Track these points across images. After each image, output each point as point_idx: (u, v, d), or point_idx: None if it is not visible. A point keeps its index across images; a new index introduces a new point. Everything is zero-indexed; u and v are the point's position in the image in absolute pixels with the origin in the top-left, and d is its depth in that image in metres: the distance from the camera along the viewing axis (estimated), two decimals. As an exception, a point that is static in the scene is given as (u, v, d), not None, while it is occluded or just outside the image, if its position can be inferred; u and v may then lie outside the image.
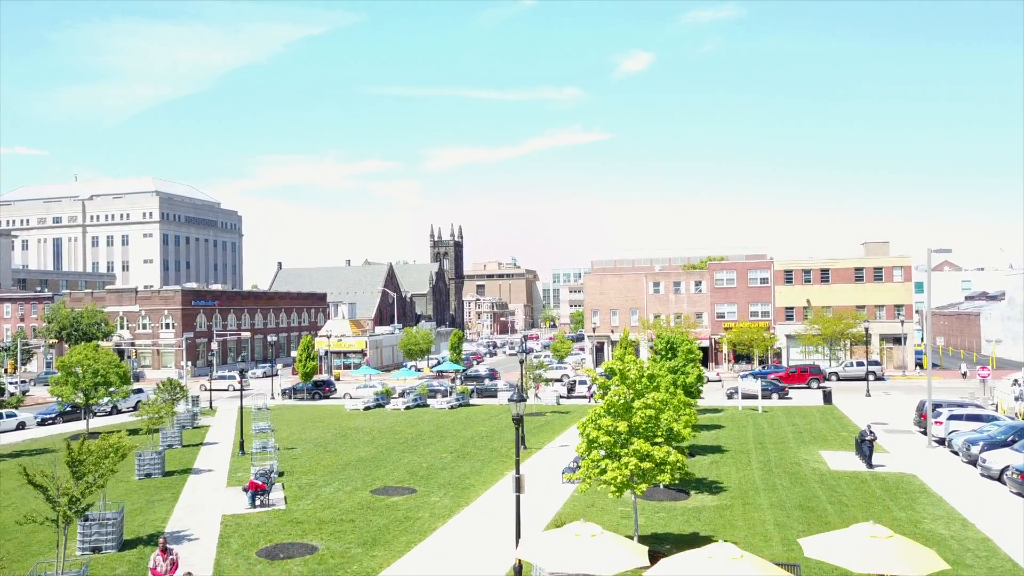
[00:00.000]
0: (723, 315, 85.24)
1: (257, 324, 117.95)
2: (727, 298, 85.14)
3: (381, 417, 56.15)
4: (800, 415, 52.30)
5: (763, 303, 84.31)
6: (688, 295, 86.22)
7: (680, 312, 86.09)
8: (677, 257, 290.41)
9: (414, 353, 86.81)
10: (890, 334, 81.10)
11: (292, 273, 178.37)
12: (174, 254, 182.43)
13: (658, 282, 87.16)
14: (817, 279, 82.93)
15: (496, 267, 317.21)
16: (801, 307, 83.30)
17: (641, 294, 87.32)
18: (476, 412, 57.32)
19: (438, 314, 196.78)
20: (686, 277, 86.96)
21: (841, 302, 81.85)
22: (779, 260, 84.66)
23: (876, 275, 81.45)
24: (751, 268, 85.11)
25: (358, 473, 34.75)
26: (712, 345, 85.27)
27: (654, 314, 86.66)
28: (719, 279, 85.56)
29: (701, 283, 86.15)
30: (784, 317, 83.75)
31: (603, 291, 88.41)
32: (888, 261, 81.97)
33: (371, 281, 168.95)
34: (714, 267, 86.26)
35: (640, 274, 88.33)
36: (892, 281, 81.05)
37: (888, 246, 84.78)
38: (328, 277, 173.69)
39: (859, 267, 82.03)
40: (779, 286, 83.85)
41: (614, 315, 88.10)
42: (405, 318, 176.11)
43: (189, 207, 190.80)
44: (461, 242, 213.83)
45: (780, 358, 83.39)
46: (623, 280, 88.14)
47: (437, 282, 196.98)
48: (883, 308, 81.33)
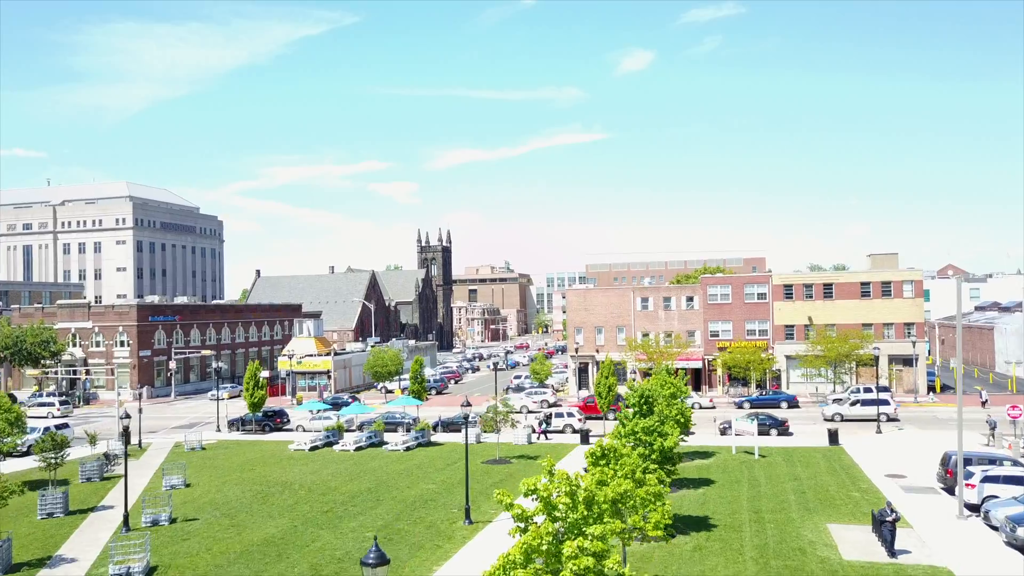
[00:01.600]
0: (717, 333, 78.30)
1: (224, 339, 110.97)
2: (721, 315, 78.19)
3: (323, 463, 49.14)
4: (803, 462, 45.33)
5: (761, 321, 77.37)
6: (679, 312, 79.26)
7: (671, 330, 79.13)
8: (674, 261, 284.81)
9: (381, 375, 79.77)
10: (900, 355, 74.18)
11: (270, 282, 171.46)
12: (149, 262, 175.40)
13: (646, 298, 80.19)
14: (819, 295, 75.99)
15: (489, 271, 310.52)
16: (802, 325, 76.36)
17: (628, 311, 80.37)
18: (434, 456, 50.30)
19: (424, 323, 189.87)
20: (677, 292, 79.98)
21: (846, 320, 74.92)
22: (778, 274, 77.70)
23: (884, 290, 74.53)
24: (747, 283, 78.15)
25: (249, 571, 27.70)
26: (705, 366, 78.31)
27: (642, 332, 79.70)
28: (713, 294, 78.62)
29: (693, 299, 79.17)
30: (784, 336, 76.82)
31: (587, 307, 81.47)
32: (897, 275, 75.03)
33: (352, 290, 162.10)
34: (707, 281, 79.30)
35: (627, 290, 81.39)
36: (901, 296, 74.11)
37: (896, 258, 77.88)
38: (308, 286, 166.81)
39: (865, 281, 75.07)
40: (778, 302, 76.91)
41: (599, 333, 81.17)
42: (389, 328, 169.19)
43: (165, 212, 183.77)
44: (449, 247, 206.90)
45: (780, 382, 76.42)
46: (608, 296, 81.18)
47: (424, 289, 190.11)
48: (892, 326, 74.40)
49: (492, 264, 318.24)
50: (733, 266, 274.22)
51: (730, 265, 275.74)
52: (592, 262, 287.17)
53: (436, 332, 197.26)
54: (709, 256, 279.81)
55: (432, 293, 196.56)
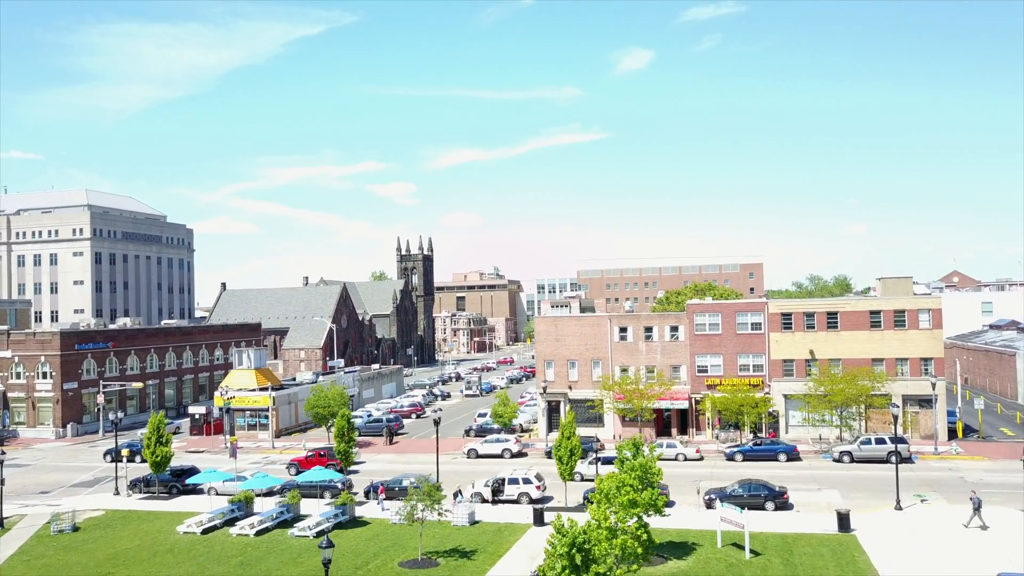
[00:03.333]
0: (705, 369, 68.41)
1: (169, 366, 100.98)
2: (710, 347, 68.30)
3: (206, 560, 39.18)
4: (804, 564, 35.45)
5: (755, 354, 67.49)
6: (662, 343, 69.35)
7: (653, 364, 69.24)
8: (668, 268, 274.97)
9: (323, 417, 69.83)
10: (915, 395, 64.34)
11: (236, 296, 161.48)
12: (109, 274, 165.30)
13: (625, 327, 70.27)
14: (822, 325, 66.12)
15: (478, 278, 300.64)
16: (803, 360, 66.50)
17: (605, 342, 70.45)
18: (349, 545, 40.31)
19: (403, 336, 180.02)
20: (660, 321, 70.04)
21: (853, 354, 65.10)
22: (775, 302, 67.82)
23: (897, 320, 64.68)
24: (740, 310, 68.22)
25: None
26: (692, 406, 68.43)
27: (620, 367, 69.82)
28: (700, 324, 68.70)
29: (678, 328, 69.25)
30: (781, 372, 66.96)
31: (558, 337, 71.56)
32: (911, 302, 65.16)
33: (323, 304, 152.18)
34: (694, 309, 69.34)
35: (603, 318, 71.37)
36: (917, 327, 64.26)
37: (910, 282, 68.01)
38: (276, 300, 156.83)
39: (875, 310, 65.20)
40: (775, 333, 67.03)
41: (572, 368, 71.28)
42: (363, 344, 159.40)
43: (128, 222, 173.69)
44: (431, 256, 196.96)
45: (777, 428, 66.54)
46: (582, 325, 71.22)
47: (402, 301, 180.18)
48: (906, 362, 64.55)
49: (481, 270, 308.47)
50: (729, 272, 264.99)
51: (726, 271, 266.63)
52: (584, 268, 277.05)
53: (416, 345, 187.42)
54: (705, 262, 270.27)
55: (412, 305, 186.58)
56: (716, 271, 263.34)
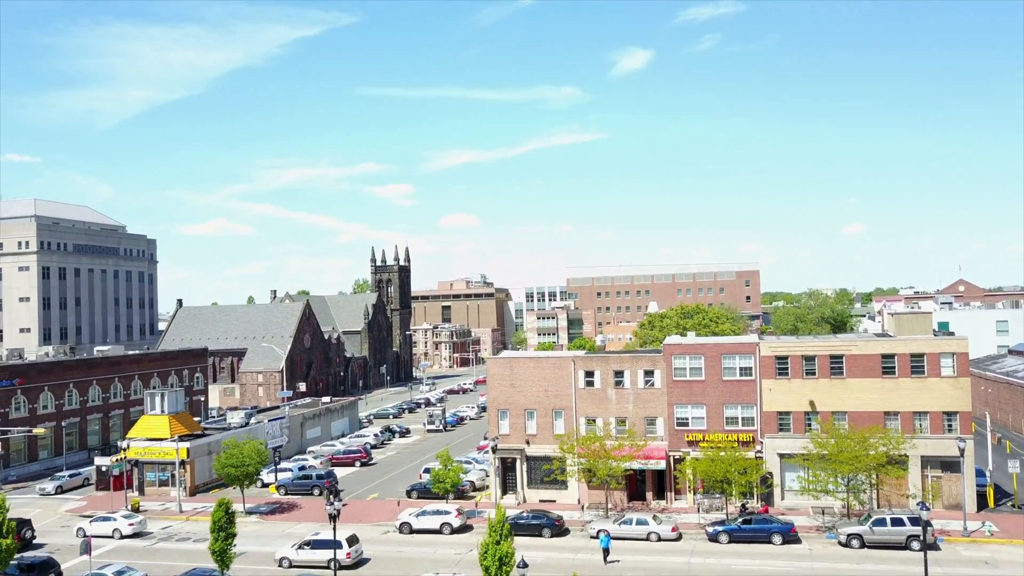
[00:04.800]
0: (686, 421, 57.56)
1: (93, 401, 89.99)
2: (692, 396, 57.45)
3: None
4: None
5: (745, 405, 56.65)
6: (635, 391, 58.47)
7: (624, 416, 58.39)
8: (661, 275, 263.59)
9: (235, 478, 58.86)
10: (937, 457, 53.51)
11: (192, 314, 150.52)
12: (59, 290, 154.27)
13: (592, 371, 59.33)
14: (825, 370, 55.27)
15: (464, 286, 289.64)
16: (801, 412, 55.67)
17: (568, 387, 59.58)
18: None
19: (376, 353, 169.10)
20: (632, 364, 59.08)
21: (862, 405, 54.31)
22: (768, 343, 56.87)
23: (914, 365, 53.85)
24: (726, 352, 57.29)
25: None
26: (670, 467, 57.53)
27: (586, 418, 58.98)
28: (680, 368, 57.81)
29: (654, 373, 58.35)
30: (776, 426, 56.12)
31: (514, 383, 60.63)
32: (932, 344, 54.31)
33: (284, 322, 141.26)
34: (672, 350, 58.38)
35: (566, 360, 60.38)
36: (939, 375, 53.43)
37: (929, 319, 57.22)
38: (235, 318, 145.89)
39: (888, 353, 54.33)
40: (768, 380, 56.17)
41: (530, 419, 60.38)
42: (329, 365, 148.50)
43: (82, 233, 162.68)
44: (407, 267, 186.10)
45: (771, 496, 55.62)
46: (542, 368, 60.28)
47: (375, 316, 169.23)
48: (925, 416, 53.72)
49: (468, 278, 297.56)
50: (724, 280, 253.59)
51: (721, 279, 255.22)
52: (574, 276, 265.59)
53: (391, 363, 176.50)
54: (699, 270, 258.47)
55: (386, 319, 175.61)
56: (711, 279, 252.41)
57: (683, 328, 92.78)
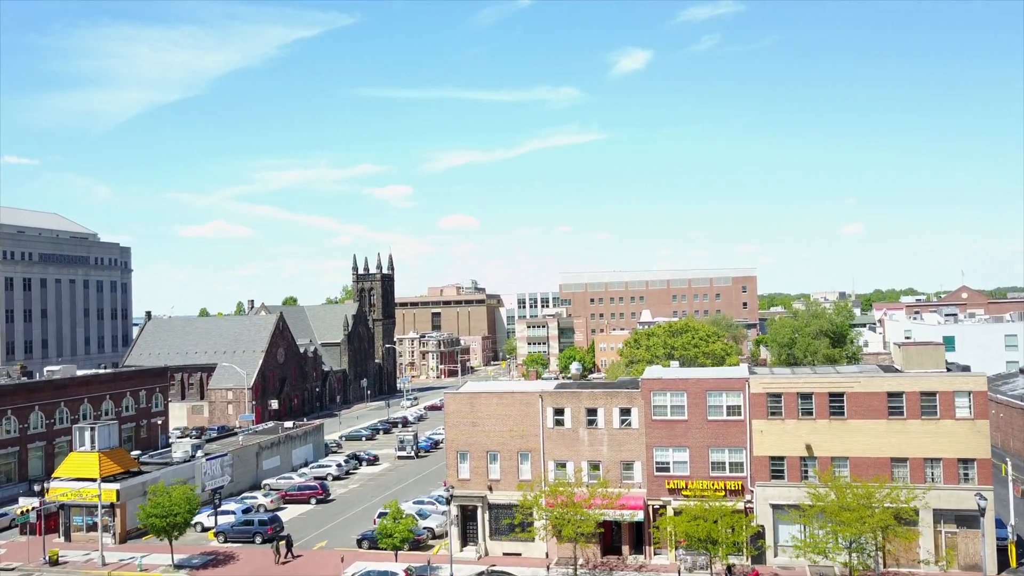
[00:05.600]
0: (666, 467, 50.98)
1: (36, 428, 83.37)
2: (673, 437, 50.87)
3: None
4: None
5: (732, 448, 50.08)
6: (610, 431, 51.90)
7: (598, 459, 51.82)
8: (655, 281, 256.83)
9: (161, 529, 52.27)
10: (952, 510, 46.95)
11: (162, 326, 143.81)
12: (23, 302, 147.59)
13: (561, 408, 52.75)
14: (823, 409, 48.71)
15: (454, 292, 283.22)
16: (797, 457, 49.10)
17: (535, 427, 53.00)
18: None
19: (356, 366, 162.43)
20: (606, 401, 52.45)
21: (866, 451, 47.79)
22: (760, 379, 50.23)
23: (925, 406, 47.32)
24: (712, 389, 50.69)
25: None
26: (649, 517, 50.93)
27: (556, 461, 52.40)
28: (659, 406, 51.24)
29: (631, 411, 51.76)
30: (768, 474, 49.55)
31: (475, 420, 54.05)
32: (945, 382, 47.74)
33: (256, 336, 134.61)
34: (651, 385, 51.77)
35: (533, 396, 53.73)
36: (953, 416, 46.90)
37: (941, 352, 50.50)
38: (206, 331, 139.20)
39: (895, 391, 47.79)
40: (760, 421, 49.61)
41: (493, 462, 53.79)
42: (304, 380, 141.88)
43: (48, 242, 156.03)
44: (391, 275, 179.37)
45: (761, 558, 48.98)
46: (506, 404, 53.68)
47: (356, 327, 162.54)
48: (938, 464, 47.18)
49: (459, 284, 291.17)
50: (721, 286, 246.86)
51: (717, 285, 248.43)
52: (567, 281, 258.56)
53: (373, 376, 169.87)
54: (694, 275, 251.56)
55: (367, 331, 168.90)
56: (707, 284, 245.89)
57: (670, 348, 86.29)
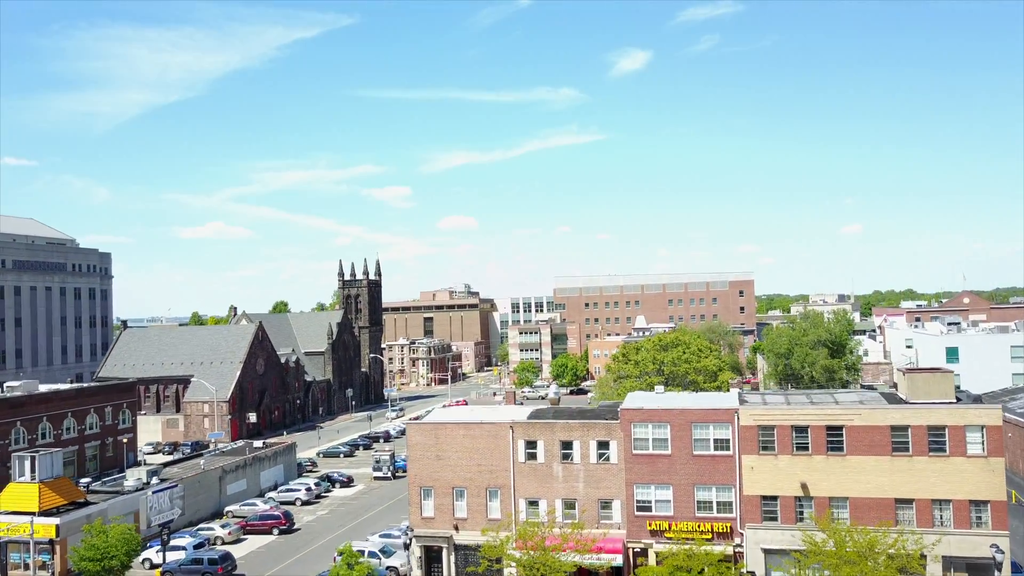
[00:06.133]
0: (648, 506, 46.42)
1: (-12, 449, 78.71)
2: (655, 474, 46.31)
3: None
4: None
5: (720, 487, 45.52)
6: (587, 466, 47.34)
7: (573, 497, 47.26)
8: (651, 285, 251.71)
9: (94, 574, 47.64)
10: (963, 558, 42.40)
11: (138, 337, 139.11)
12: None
13: (534, 440, 48.16)
14: (820, 444, 44.16)
15: (447, 297, 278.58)
16: (791, 497, 44.56)
17: (505, 461, 48.43)
18: None
19: (341, 376, 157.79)
20: (583, 433, 47.87)
21: (867, 491, 43.26)
22: (750, 409, 45.65)
23: (933, 442, 42.78)
24: (697, 421, 46.12)
25: None
26: (629, 561, 46.34)
27: (527, 499, 47.83)
28: (640, 438, 46.67)
29: (609, 444, 47.18)
30: (760, 515, 44.99)
31: (440, 453, 49.48)
32: (955, 415, 43.17)
33: (234, 346, 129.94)
34: (632, 416, 47.20)
35: (503, 428, 49.13)
36: (964, 453, 42.37)
37: (951, 379, 45.89)
38: (183, 341, 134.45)
39: (899, 425, 43.25)
40: (750, 456, 45.05)
41: (459, 499, 49.21)
42: (286, 391, 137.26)
43: (22, 248, 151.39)
44: (378, 280, 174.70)
45: (752, 610, 44.50)
46: (474, 436, 49.10)
47: (340, 335, 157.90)
48: (947, 506, 42.64)
49: (451, 288, 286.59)
50: (717, 291, 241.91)
51: (714, 289, 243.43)
52: (561, 286, 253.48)
53: (360, 385, 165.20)
54: (691, 280, 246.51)
55: (353, 339, 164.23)
56: (703, 289, 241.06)
57: (660, 363, 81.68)
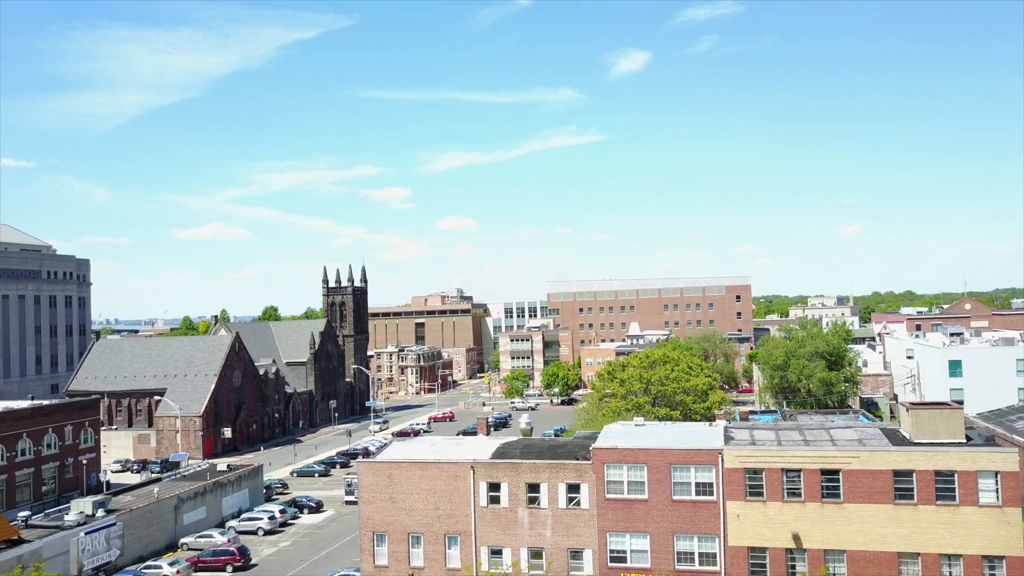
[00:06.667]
0: (623, 556, 41.66)
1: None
2: (631, 521, 41.57)
3: None
4: None
5: (703, 536, 40.77)
6: (555, 512, 42.59)
7: (540, 546, 42.50)
8: (647, 290, 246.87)
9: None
10: (975, 621, 37.67)
11: (111, 347, 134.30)
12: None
13: (497, 483, 43.42)
14: (814, 490, 39.42)
15: (439, 301, 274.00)
16: (782, 549, 39.81)
17: (466, 505, 43.69)
18: None
19: (325, 387, 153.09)
20: (551, 475, 43.13)
21: (867, 543, 38.53)
22: (735, 450, 40.90)
23: (941, 488, 38.05)
24: (677, 463, 41.37)
25: None
26: (602, 618, 41.63)
27: (490, 547, 43.07)
28: (615, 481, 41.93)
29: (579, 487, 42.44)
30: (747, 568, 40.23)
31: (395, 496, 44.76)
32: (967, 459, 38.41)
33: (210, 357, 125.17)
34: (605, 456, 42.48)
35: (463, 468, 44.37)
36: (976, 503, 37.64)
37: (961, 416, 41.12)
38: (157, 352, 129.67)
39: (904, 470, 38.51)
40: (736, 503, 40.33)
41: (416, 545, 44.48)
42: (264, 404, 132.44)
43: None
44: (364, 288, 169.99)
45: None
46: (431, 478, 44.35)
47: (323, 344, 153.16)
48: (957, 561, 37.91)
49: (444, 292, 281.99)
50: (714, 295, 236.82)
51: (711, 294, 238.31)
52: (555, 291, 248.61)
53: (344, 395, 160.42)
54: (686, 284, 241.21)
55: (337, 349, 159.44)
56: (699, 294, 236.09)
57: (646, 381, 76.93)
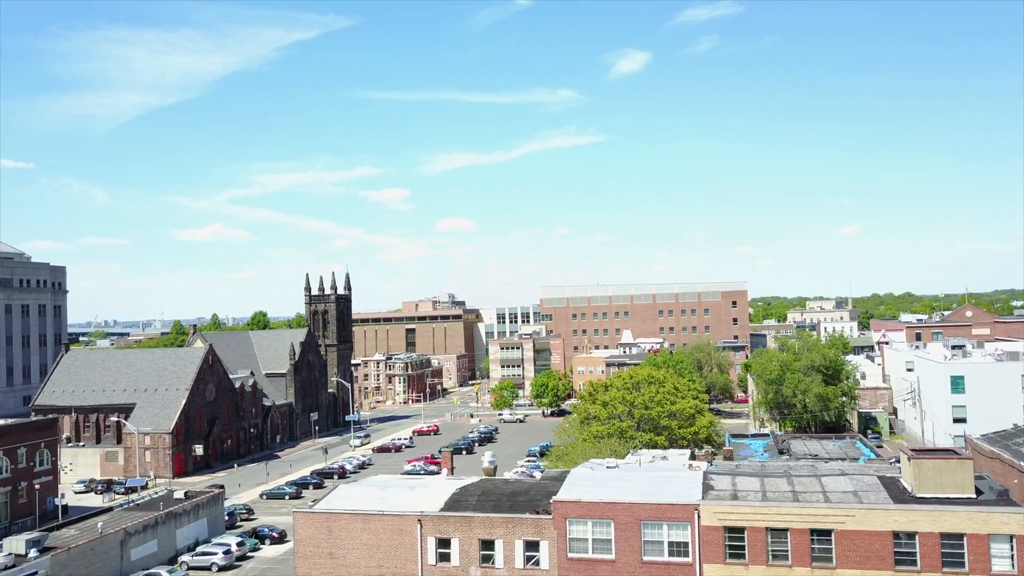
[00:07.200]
0: (588, 625, 36.76)
1: None
2: (597, 584, 36.64)
3: None
4: None
5: (678, 604, 35.88)
6: (511, 572, 37.64)
7: (495, 610, 37.56)
8: (641, 295, 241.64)
9: None
10: None
11: (80, 359, 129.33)
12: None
13: (447, 539, 38.53)
14: (803, 553, 34.53)
15: (430, 307, 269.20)
16: (766, 620, 34.89)
17: (412, 563, 38.74)
18: None
19: (306, 398, 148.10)
20: (506, 531, 38.21)
21: (862, 614, 33.58)
22: (713, 506, 35.95)
23: (948, 553, 33.17)
24: (649, 518, 36.50)
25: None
26: None
27: (439, 611, 38.09)
28: (578, 539, 37.03)
29: (539, 546, 37.55)
30: (727, 641, 35.35)
31: (334, 551, 39.87)
32: (976, 520, 33.48)
33: (181, 371, 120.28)
34: (567, 510, 37.60)
35: (409, 520, 39.49)
36: (988, 570, 32.74)
37: (970, 468, 36.17)
38: (127, 365, 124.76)
39: (905, 532, 33.62)
40: (714, 566, 35.41)
41: (356, 607, 39.59)
42: (239, 418, 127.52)
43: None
44: (347, 295, 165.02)
45: None
46: (375, 532, 39.45)
47: (304, 355, 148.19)
48: (967, 637, 33.01)
49: (435, 297, 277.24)
50: (709, 301, 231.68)
51: (706, 300, 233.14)
52: (548, 296, 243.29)
53: (326, 407, 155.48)
54: (682, 290, 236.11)
55: (319, 359, 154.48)
56: (695, 299, 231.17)
57: (629, 404, 72.03)
